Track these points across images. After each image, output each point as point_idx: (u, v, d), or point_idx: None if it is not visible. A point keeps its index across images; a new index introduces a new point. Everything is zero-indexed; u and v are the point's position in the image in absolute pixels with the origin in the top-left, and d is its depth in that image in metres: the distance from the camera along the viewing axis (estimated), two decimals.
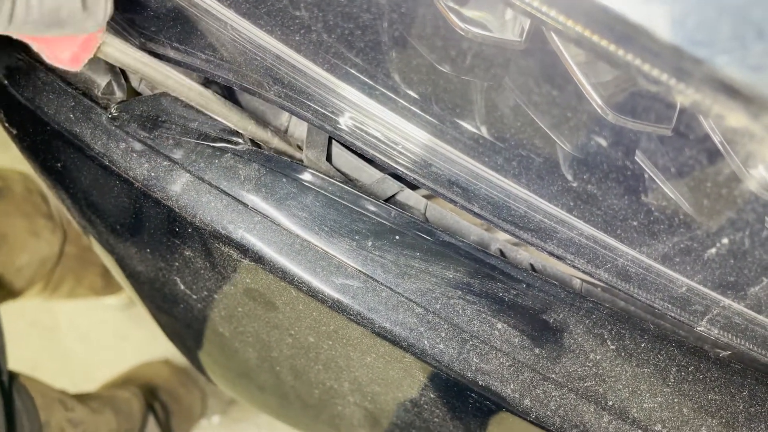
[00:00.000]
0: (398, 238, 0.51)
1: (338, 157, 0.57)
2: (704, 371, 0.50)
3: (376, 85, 0.48)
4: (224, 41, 0.50)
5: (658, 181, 0.45)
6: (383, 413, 0.65)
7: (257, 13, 0.48)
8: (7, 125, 0.63)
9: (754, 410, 0.50)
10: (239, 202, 0.51)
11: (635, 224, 0.47)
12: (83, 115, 0.55)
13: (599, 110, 0.43)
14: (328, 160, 0.56)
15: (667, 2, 0.35)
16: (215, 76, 0.52)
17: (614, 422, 0.49)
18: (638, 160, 0.45)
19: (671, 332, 0.52)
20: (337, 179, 0.53)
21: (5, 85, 0.59)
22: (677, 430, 0.49)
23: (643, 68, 0.37)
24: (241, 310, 0.62)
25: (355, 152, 0.56)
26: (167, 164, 0.53)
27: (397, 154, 0.50)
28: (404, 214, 0.52)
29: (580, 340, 0.50)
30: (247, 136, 0.54)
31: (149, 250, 0.63)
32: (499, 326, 0.50)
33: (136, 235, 0.63)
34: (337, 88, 0.49)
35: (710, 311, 0.49)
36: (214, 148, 0.53)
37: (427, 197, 0.59)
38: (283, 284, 0.53)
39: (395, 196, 0.57)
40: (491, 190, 0.49)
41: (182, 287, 0.65)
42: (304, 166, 0.53)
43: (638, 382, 0.49)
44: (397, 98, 0.48)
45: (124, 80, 0.58)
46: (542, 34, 0.41)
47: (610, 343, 0.50)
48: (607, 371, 0.49)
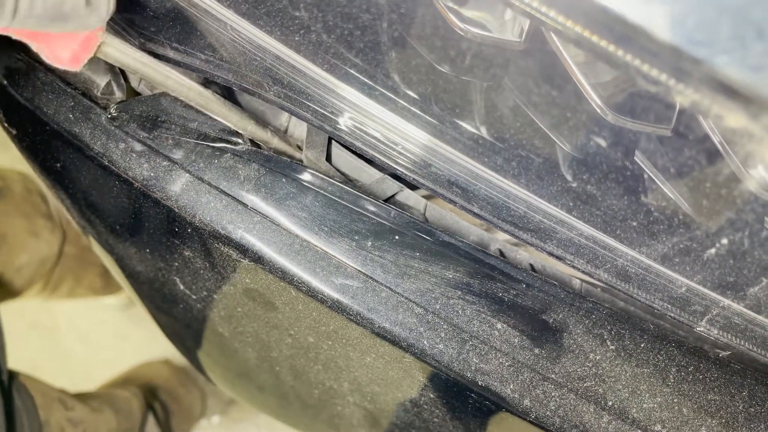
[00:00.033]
0: (398, 238, 0.51)
1: (338, 157, 0.57)
2: (704, 371, 0.50)
3: (375, 85, 0.48)
4: (224, 41, 0.50)
5: (657, 181, 0.45)
6: (383, 413, 0.65)
7: (257, 13, 0.48)
8: (6, 125, 0.63)
9: (753, 410, 0.50)
10: (239, 202, 0.51)
11: (635, 224, 0.47)
12: (82, 115, 0.55)
13: (599, 110, 0.43)
14: (327, 160, 0.56)
15: (666, 2, 0.35)
16: (215, 76, 0.52)
17: (614, 422, 0.49)
18: (638, 160, 0.45)
19: (671, 332, 0.52)
20: (336, 179, 0.53)
21: (5, 85, 0.59)
22: (677, 430, 0.49)
23: (642, 68, 0.37)
24: (240, 310, 0.62)
25: (354, 152, 0.56)
26: (167, 164, 0.53)
27: (396, 154, 0.50)
28: (404, 214, 0.52)
29: (579, 340, 0.50)
30: (246, 136, 0.54)
31: (149, 250, 0.63)
32: (498, 326, 0.50)
33: (135, 235, 0.63)
34: (336, 88, 0.49)
35: (710, 311, 0.49)
36: (213, 148, 0.53)
37: (426, 197, 0.58)
38: (282, 284, 0.53)
39: (395, 196, 0.57)
40: (491, 190, 0.49)
41: (182, 287, 0.65)
42: (303, 166, 0.53)
43: (638, 382, 0.49)
44: (396, 98, 0.48)
45: (123, 80, 0.58)
46: (542, 34, 0.41)
47: (609, 343, 0.50)
48: (606, 371, 0.49)
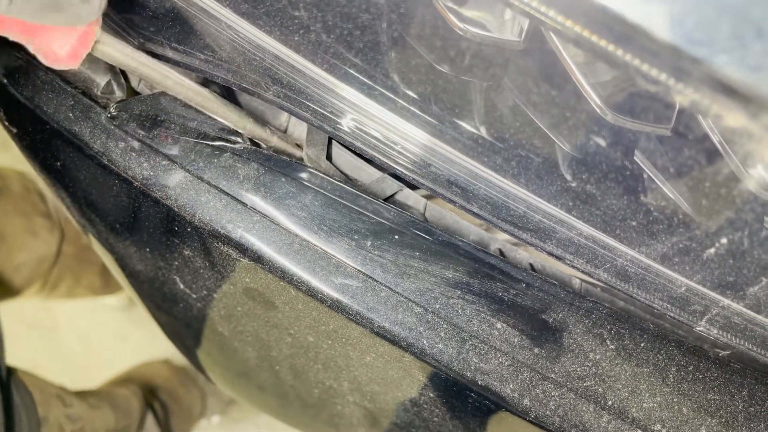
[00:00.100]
0: (397, 237, 0.51)
1: (338, 156, 0.57)
2: (704, 371, 0.50)
3: (375, 85, 0.48)
4: (223, 41, 0.50)
5: (657, 181, 0.45)
6: (383, 413, 0.65)
7: (256, 13, 0.48)
8: (6, 124, 0.63)
9: (753, 410, 0.50)
10: (238, 201, 0.51)
11: (634, 224, 0.47)
12: (82, 114, 0.55)
13: (598, 110, 0.43)
14: (328, 159, 0.56)
15: (666, 2, 0.35)
16: (214, 76, 0.52)
17: (614, 422, 0.49)
18: (637, 160, 0.45)
19: (671, 332, 0.52)
20: (336, 178, 0.53)
21: (5, 84, 0.59)
22: (677, 429, 0.49)
23: (642, 68, 0.37)
24: (240, 309, 0.62)
25: (354, 152, 0.56)
26: (166, 163, 0.53)
27: (396, 154, 0.50)
28: (403, 213, 0.52)
29: (579, 339, 0.50)
30: (246, 135, 0.54)
31: (149, 249, 0.63)
32: (498, 326, 0.50)
33: (135, 234, 0.63)
34: (336, 88, 0.49)
35: (709, 311, 0.49)
36: (213, 147, 0.53)
37: (426, 197, 0.59)
38: (282, 284, 0.53)
39: (395, 195, 0.57)
40: (490, 190, 0.49)
41: (182, 286, 0.65)
42: (303, 165, 0.53)
43: (638, 381, 0.49)
44: (396, 98, 0.48)
45: (123, 80, 0.58)
46: (541, 34, 0.41)
47: (609, 342, 0.50)
48: (606, 371, 0.49)
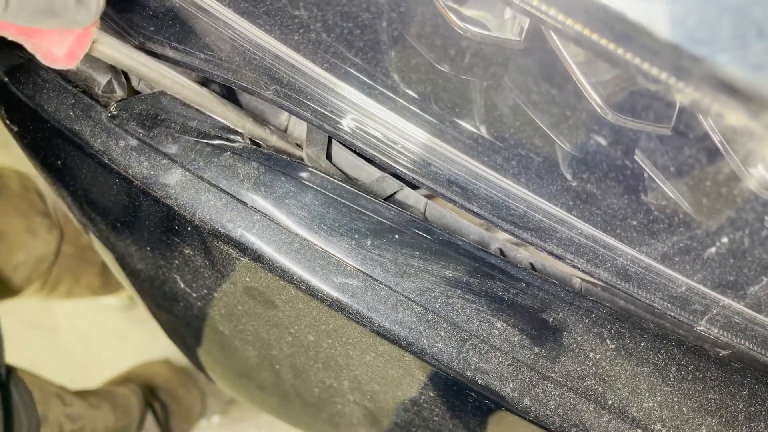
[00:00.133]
0: (397, 236, 0.51)
1: (338, 155, 0.57)
2: (704, 370, 0.50)
3: (375, 84, 0.48)
4: (223, 41, 0.50)
5: (657, 180, 0.45)
6: (383, 412, 0.65)
7: (256, 12, 0.48)
8: (8, 123, 0.64)
9: (753, 409, 0.50)
10: (238, 200, 0.51)
11: (635, 223, 0.47)
12: (83, 113, 0.55)
13: (598, 109, 0.43)
14: (327, 158, 0.56)
15: (667, 0, 0.35)
16: (214, 75, 0.52)
17: (614, 421, 0.49)
18: (638, 159, 0.45)
19: (671, 331, 0.52)
20: (336, 178, 0.53)
21: (6, 82, 0.59)
22: (677, 429, 0.49)
23: (642, 67, 0.37)
24: (240, 308, 0.62)
25: (355, 151, 0.56)
26: (166, 162, 0.53)
27: (396, 153, 0.50)
28: (403, 212, 0.52)
29: (579, 339, 0.50)
30: (245, 134, 0.54)
31: (149, 248, 0.63)
32: (498, 325, 0.50)
33: (136, 232, 0.63)
34: (336, 87, 0.49)
35: (710, 310, 0.49)
36: (213, 146, 0.53)
37: (427, 196, 0.58)
38: (282, 283, 0.53)
39: (395, 194, 0.57)
40: (490, 189, 0.49)
41: (182, 285, 0.65)
42: (303, 164, 0.53)
43: (638, 381, 0.49)
44: (396, 98, 0.48)
45: (124, 79, 0.58)
46: (541, 33, 0.41)
47: (609, 342, 0.50)
48: (606, 370, 0.49)
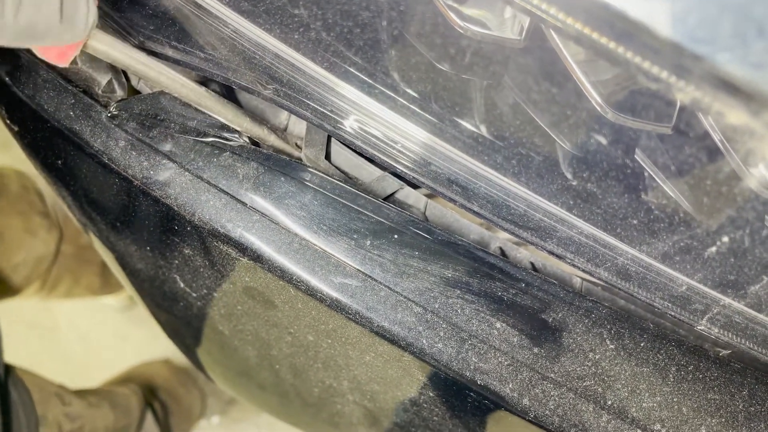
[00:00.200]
0: (397, 236, 0.51)
1: (337, 155, 0.57)
2: (704, 370, 0.50)
3: (375, 83, 0.48)
4: (223, 39, 0.50)
5: (657, 179, 0.45)
6: (382, 412, 0.65)
7: (256, 11, 0.48)
8: (8, 122, 0.64)
9: (753, 409, 0.50)
10: (237, 200, 0.51)
11: (635, 223, 0.47)
12: (83, 112, 0.55)
13: (599, 108, 0.43)
14: (327, 158, 0.56)
15: None
16: (214, 74, 0.52)
17: (613, 421, 0.49)
18: (638, 158, 0.44)
19: (671, 331, 0.52)
20: (335, 177, 0.53)
21: (7, 82, 0.59)
22: (676, 429, 0.49)
23: (643, 66, 0.37)
24: (240, 308, 0.62)
25: (354, 150, 0.56)
26: (166, 162, 0.53)
27: (396, 152, 0.50)
28: (403, 212, 0.52)
29: (579, 339, 0.50)
30: (244, 133, 0.54)
31: (149, 247, 0.63)
32: (497, 325, 0.49)
33: (135, 232, 0.63)
34: (336, 86, 0.49)
35: (710, 310, 0.48)
36: (212, 146, 0.53)
37: (427, 195, 0.58)
38: (281, 283, 0.53)
39: (395, 194, 0.57)
40: (491, 188, 0.49)
41: (182, 285, 0.65)
42: (302, 164, 0.53)
43: (637, 381, 0.49)
44: (396, 97, 0.48)
45: (125, 79, 0.58)
46: (542, 32, 0.41)
47: (609, 342, 0.50)
48: (606, 370, 0.49)
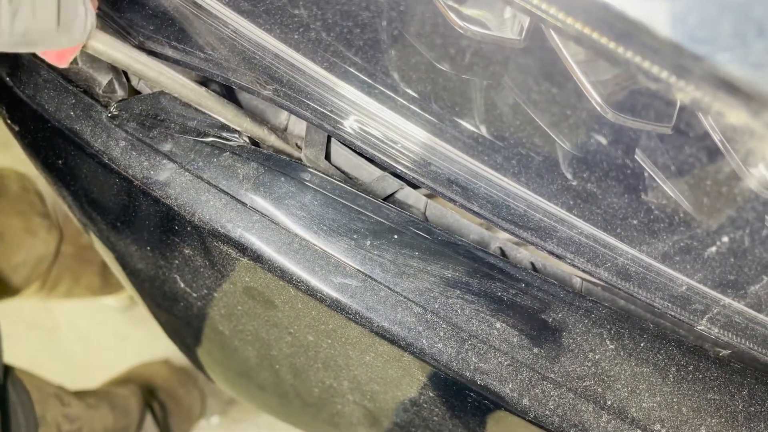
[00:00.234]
0: (397, 237, 0.51)
1: (337, 155, 0.57)
2: (704, 370, 0.50)
3: (375, 83, 0.48)
4: (222, 40, 0.50)
5: (657, 179, 0.45)
6: (382, 412, 0.65)
7: (256, 11, 0.48)
8: (9, 122, 0.64)
9: (753, 409, 0.50)
10: (238, 200, 0.51)
11: (635, 223, 0.47)
12: (83, 112, 0.55)
13: (599, 108, 0.43)
14: (327, 158, 0.56)
15: None
16: (214, 74, 0.52)
17: (613, 422, 0.49)
18: (638, 158, 0.44)
19: (671, 331, 0.52)
20: (335, 178, 0.53)
21: (8, 82, 0.59)
22: (676, 429, 0.49)
23: (643, 66, 0.37)
24: (240, 308, 0.62)
25: (354, 150, 0.56)
26: (166, 162, 0.53)
27: (396, 152, 0.50)
28: (403, 213, 0.52)
29: (579, 339, 0.50)
30: (244, 133, 0.54)
31: (149, 247, 0.63)
32: (497, 325, 0.49)
33: (136, 232, 0.63)
34: (336, 86, 0.49)
35: (710, 310, 0.48)
36: (212, 146, 0.53)
37: (427, 195, 0.58)
38: (281, 283, 0.53)
39: (395, 194, 0.57)
40: (491, 188, 0.49)
41: (182, 285, 0.65)
42: (302, 164, 0.53)
43: (637, 381, 0.49)
44: (396, 97, 0.48)
45: (125, 79, 0.58)
46: (542, 32, 0.41)
47: (609, 342, 0.50)
48: (606, 370, 0.49)
